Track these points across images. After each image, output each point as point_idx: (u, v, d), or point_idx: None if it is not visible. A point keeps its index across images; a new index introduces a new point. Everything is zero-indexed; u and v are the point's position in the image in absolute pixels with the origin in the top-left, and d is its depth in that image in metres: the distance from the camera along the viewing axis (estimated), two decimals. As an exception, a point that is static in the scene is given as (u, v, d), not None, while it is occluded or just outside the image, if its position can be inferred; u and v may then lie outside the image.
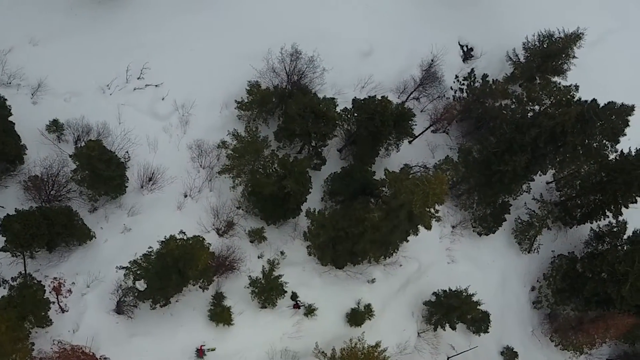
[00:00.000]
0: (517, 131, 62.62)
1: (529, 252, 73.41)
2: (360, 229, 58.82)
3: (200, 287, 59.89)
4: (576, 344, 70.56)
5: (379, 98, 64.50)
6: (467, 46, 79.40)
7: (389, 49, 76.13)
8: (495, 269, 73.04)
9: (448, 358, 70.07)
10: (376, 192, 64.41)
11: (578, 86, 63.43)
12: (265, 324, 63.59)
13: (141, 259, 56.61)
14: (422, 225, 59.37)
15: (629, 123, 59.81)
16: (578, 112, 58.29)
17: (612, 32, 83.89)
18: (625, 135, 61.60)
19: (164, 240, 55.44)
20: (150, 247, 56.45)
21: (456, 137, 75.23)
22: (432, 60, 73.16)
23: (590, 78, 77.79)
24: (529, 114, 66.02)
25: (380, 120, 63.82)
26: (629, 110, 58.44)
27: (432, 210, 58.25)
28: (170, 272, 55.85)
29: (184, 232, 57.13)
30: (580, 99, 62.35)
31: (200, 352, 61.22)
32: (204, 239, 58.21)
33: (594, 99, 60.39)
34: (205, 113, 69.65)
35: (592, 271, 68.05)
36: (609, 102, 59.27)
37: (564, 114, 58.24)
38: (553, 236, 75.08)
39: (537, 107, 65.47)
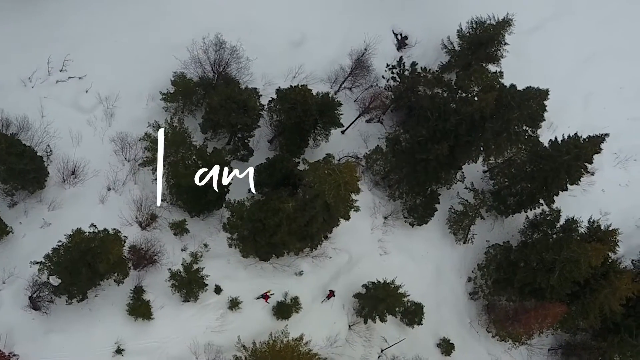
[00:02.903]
0: (440, 119, 61.50)
1: (464, 243, 72.17)
2: (276, 220, 57.71)
3: (115, 280, 58.83)
4: (514, 335, 69.57)
5: (300, 87, 63.39)
6: (401, 34, 77.76)
7: (322, 38, 74.65)
8: (430, 260, 71.78)
9: (382, 350, 69.10)
10: (300, 183, 63.31)
11: (502, 72, 62.24)
12: (187, 318, 62.42)
13: (52, 253, 55.70)
14: (339, 216, 58.59)
15: (546, 108, 58.60)
16: (495, 98, 57.05)
17: (553, 19, 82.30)
18: (544, 120, 60.49)
19: (70, 233, 54.58)
20: (60, 241, 55.52)
21: (390, 127, 73.72)
22: (364, 49, 71.90)
23: (530, 65, 76.89)
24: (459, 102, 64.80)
25: (302, 110, 62.73)
26: (544, 94, 57.19)
27: (350, 200, 57.39)
28: (80, 266, 54.79)
29: (94, 225, 56.29)
30: (503, 85, 61.25)
31: (265, 297, 63.62)
32: (118, 231, 57.41)
33: (512, 84, 59.27)
34: (130, 105, 68.32)
35: (524, 260, 66.98)
36: (526, 87, 58.07)
37: (482, 100, 57.14)
38: (489, 226, 73.77)
39: (464, 95, 64.31)
